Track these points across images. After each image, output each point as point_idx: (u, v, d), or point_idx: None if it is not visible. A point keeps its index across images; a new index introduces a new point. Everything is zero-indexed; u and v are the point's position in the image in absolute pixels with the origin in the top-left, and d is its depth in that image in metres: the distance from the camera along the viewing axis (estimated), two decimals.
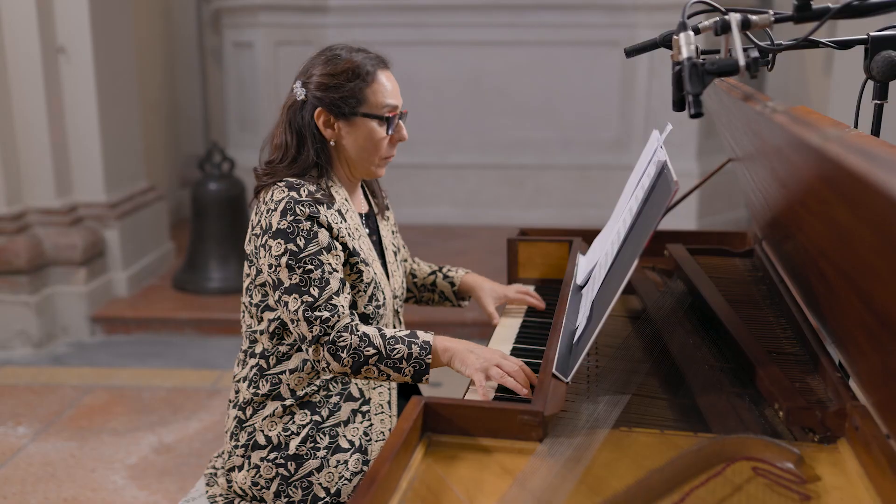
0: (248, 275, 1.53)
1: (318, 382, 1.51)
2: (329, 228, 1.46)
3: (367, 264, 1.52)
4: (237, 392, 1.56)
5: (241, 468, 1.51)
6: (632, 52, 1.52)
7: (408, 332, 1.44)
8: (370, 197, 1.70)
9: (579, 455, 1.07)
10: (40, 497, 2.48)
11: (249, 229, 1.51)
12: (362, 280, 1.51)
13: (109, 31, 3.90)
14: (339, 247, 1.47)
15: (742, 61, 1.09)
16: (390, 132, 1.53)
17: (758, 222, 1.75)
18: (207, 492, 1.57)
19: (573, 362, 1.24)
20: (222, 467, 1.57)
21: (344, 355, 1.38)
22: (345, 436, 1.51)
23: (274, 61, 5.16)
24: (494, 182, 5.28)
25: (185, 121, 5.66)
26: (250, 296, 1.53)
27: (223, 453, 1.59)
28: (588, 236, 1.93)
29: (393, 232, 1.74)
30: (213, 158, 4.18)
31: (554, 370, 1.23)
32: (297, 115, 1.52)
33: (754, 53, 1.10)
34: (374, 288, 1.53)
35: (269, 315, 1.51)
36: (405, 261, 1.84)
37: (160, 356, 3.63)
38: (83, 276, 3.78)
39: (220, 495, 1.54)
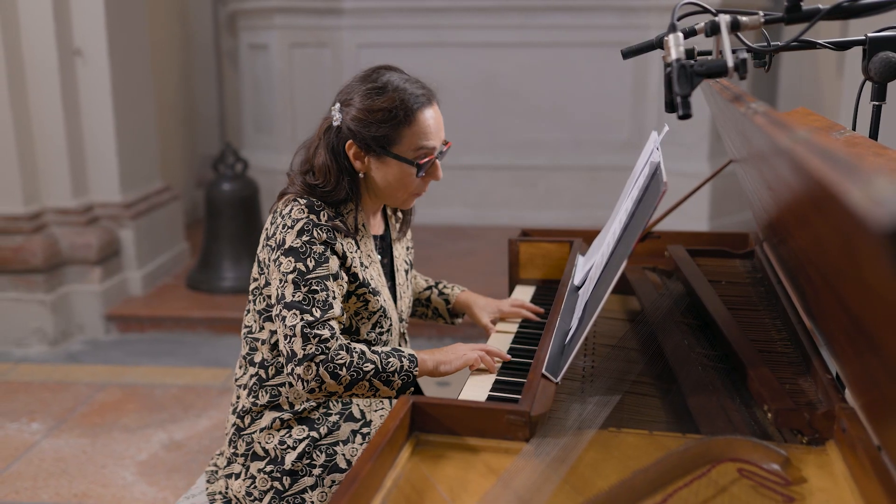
0: (255, 279, 1.53)
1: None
2: (343, 258, 1.46)
3: (375, 294, 1.52)
4: (237, 398, 1.57)
5: (238, 476, 1.53)
6: (628, 54, 1.52)
7: (390, 348, 1.46)
8: (389, 219, 1.68)
9: (565, 455, 1.08)
10: (51, 492, 2.52)
11: (264, 236, 1.50)
12: (367, 308, 1.52)
13: (125, 33, 3.96)
14: (346, 278, 1.47)
15: (731, 62, 1.09)
16: (421, 174, 1.49)
17: (758, 224, 1.75)
18: (207, 489, 1.59)
19: (563, 362, 1.24)
20: (223, 467, 1.59)
21: (343, 373, 1.37)
22: (343, 455, 1.51)
23: (289, 63, 5.20)
24: (506, 183, 5.29)
25: (201, 122, 5.72)
26: (255, 301, 1.54)
27: (223, 454, 1.61)
28: (589, 237, 1.94)
29: (408, 248, 1.74)
30: (227, 159, 4.22)
31: (543, 370, 1.24)
32: (332, 140, 1.49)
33: (743, 55, 1.10)
34: (381, 316, 1.54)
35: (270, 326, 1.52)
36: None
37: (173, 354, 3.67)
38: (98, 275, 3.83)
39: (220, 493, 1.56)
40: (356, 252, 1.50)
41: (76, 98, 3.79)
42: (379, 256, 1.60)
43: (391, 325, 1.58)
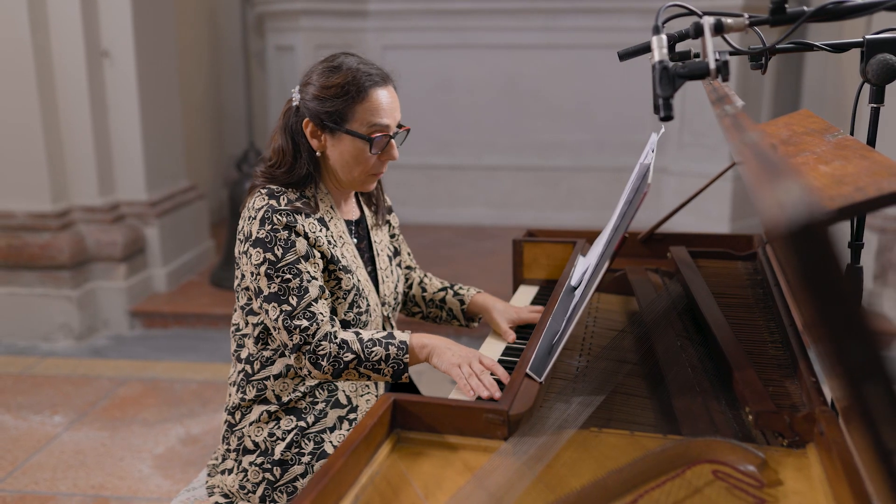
0: (236, 277, 1.57)
1: (303, 389, 1.54)
2: (306, 237, 1.47)
3: (348, 272, 1.53)
4: (229, 396, 1.61)
5: (231, 471, 1.56)
6: (624, 56, 1.52)
7: (385, 333, 1.46)
8: (364, 205, 1.69)
9: (542, 454, 1.09)
10: (69, 483, 2.59)
11: (238, 233, 1.54)
12: (341, 287, 1.53)
13: (152, 35, 4.04)
14: (318, 255, 1.49)
15: (713, 64, 1.09)
16: (375, 152, 1.51)
17: (762, 225, 1.74)
18: (208, 482, 1.62)
19: (548, 362, 1.25)
20: (218, 464, 1.62)
21: (324, 363, 1.42)
22: (330, 441, 1.53)
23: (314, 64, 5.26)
24: (529, 183, 5.29)
25: (229, 122, 5.80)
26: (238, 297, 1.57)
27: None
28: (593, 237, 1.94)
29: (393, 236, 1.75)
30: (250, 159, 4.29)
31: (528, 370, 1.25)
32: (289, 121, 1.54)
33: (726, 56, 1.10)
34: (356, 295, 1.55)
35: (252, 319, 1.54)
36: (410, 268, 1.84)
37: (195, 350, 3.74)
38: (123, 272, 3.92)
39: (218, 487, 1.59)
40: (322, 232, 1.51)
41: (103, 98, 3.88)
42: (354, 240, 1.61)
43: (369, 306, 1.58)
